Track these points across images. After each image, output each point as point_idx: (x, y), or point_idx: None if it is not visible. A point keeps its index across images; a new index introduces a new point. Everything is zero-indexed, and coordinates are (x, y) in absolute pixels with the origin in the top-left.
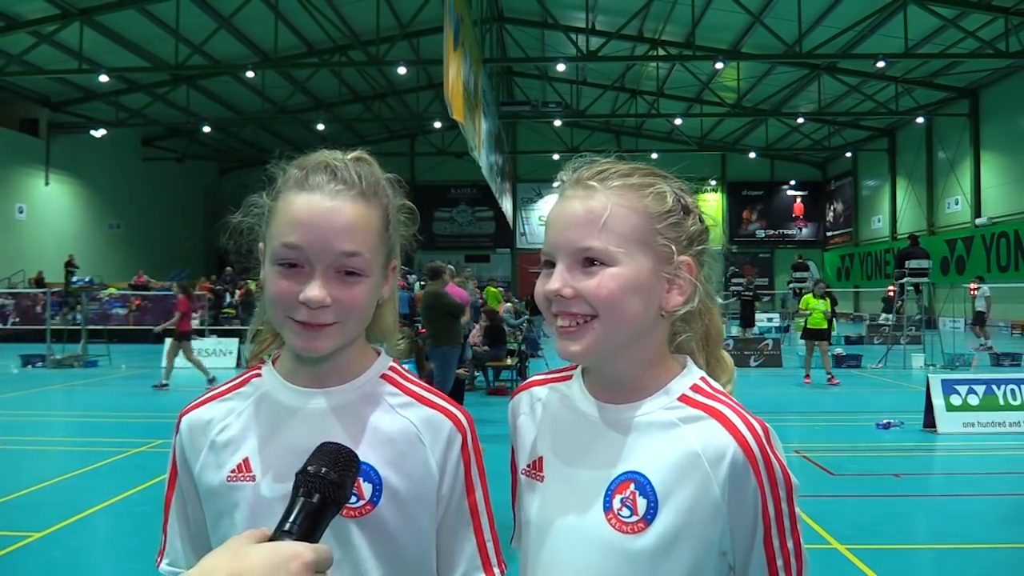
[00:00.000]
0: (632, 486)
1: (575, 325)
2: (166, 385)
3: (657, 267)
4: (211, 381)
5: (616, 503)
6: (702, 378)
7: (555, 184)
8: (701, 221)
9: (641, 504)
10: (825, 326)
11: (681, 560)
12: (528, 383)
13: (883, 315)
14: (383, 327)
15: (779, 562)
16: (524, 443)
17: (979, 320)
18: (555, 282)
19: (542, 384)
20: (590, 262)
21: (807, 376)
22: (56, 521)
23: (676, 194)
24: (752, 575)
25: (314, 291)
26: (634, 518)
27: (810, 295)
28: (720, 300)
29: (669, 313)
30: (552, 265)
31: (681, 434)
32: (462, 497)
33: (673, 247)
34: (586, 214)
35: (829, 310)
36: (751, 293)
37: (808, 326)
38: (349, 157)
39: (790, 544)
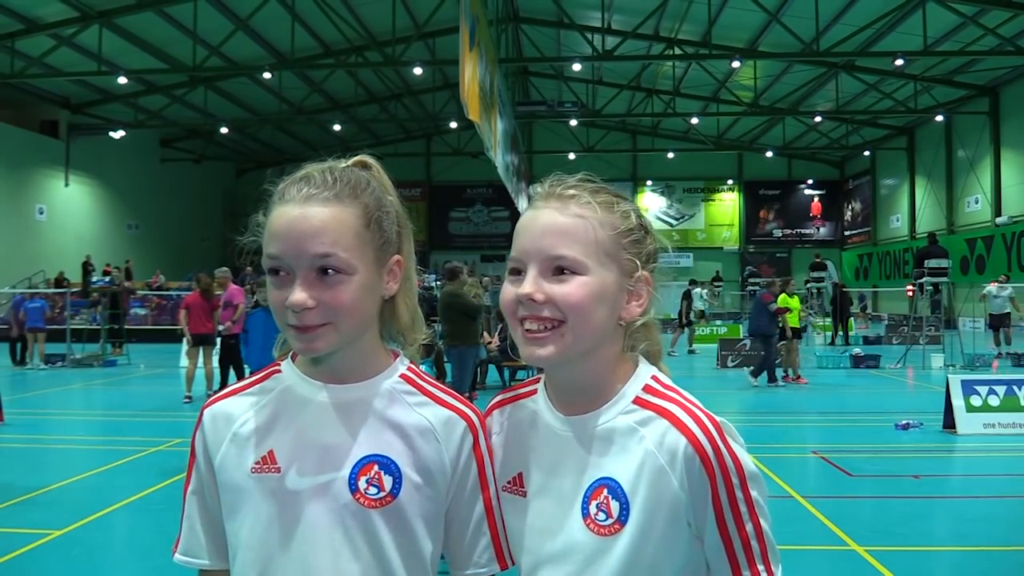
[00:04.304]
0: (605, 491)
1: (543, 330)
2: None
3: (621, 279)
4: None
5: (593, 509)
6: (653, 377)
7: (530, 194)
8: (657, 242)
9: (615, 507)
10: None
11: (656, 550)
12: (495, 403)
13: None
14: (400, 324)
15: (735, 545)
16: (501, 461)
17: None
18: (527, 286)
19: (509, 403)
20: (560, 270)
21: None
22: (76, 519)
23: (637, 214)
24: (711, 557)
25: (295, 296)
26: (609, 521)
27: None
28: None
29: (627, 323)
30: (518, 272)
31: (639, 437)
32: (476, 493)
33: (637, 262)
34: (560, 224)
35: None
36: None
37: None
38: (349, 162)
39: (749, 528)
